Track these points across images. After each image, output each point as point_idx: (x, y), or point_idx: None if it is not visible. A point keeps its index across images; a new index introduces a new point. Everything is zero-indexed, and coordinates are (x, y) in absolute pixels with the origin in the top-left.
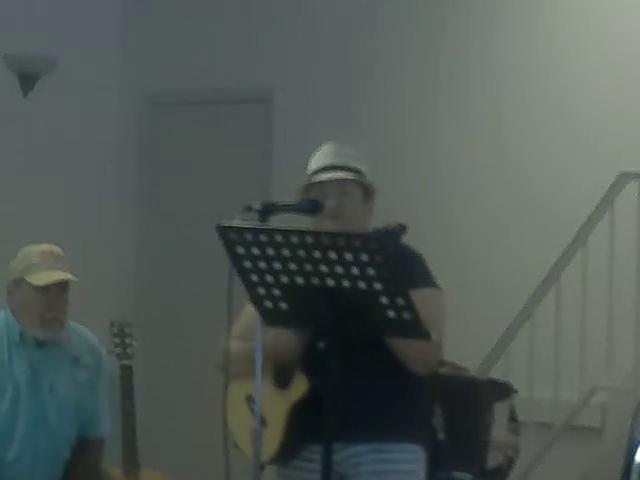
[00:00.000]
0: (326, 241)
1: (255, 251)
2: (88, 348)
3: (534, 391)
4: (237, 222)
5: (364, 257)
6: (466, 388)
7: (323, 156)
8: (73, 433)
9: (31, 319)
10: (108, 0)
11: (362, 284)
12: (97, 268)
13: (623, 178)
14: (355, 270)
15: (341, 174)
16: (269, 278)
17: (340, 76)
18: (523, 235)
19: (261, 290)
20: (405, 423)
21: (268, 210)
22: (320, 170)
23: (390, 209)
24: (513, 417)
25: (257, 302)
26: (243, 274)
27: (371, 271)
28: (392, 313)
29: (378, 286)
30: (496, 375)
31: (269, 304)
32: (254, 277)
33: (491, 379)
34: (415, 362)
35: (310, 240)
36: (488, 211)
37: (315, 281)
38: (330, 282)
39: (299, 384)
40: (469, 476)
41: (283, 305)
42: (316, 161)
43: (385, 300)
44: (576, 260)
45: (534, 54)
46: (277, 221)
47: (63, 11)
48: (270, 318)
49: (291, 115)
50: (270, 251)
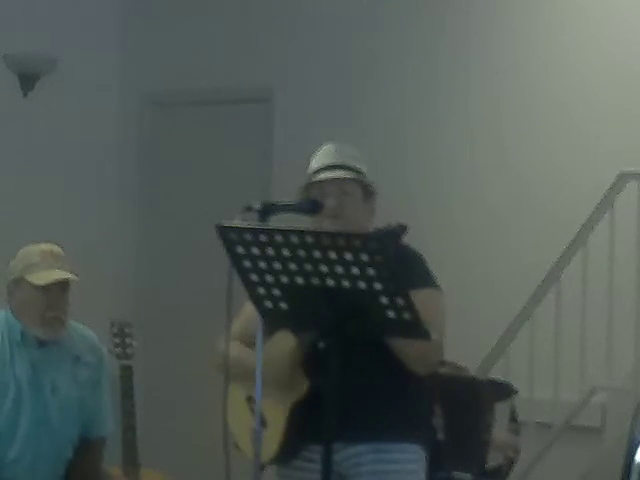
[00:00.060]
0: (326, 241)
1: (255, 251)
2: (89, 347)
3: (534, 391)
4: (237, 222)
5: (364, 257)
6: (466, 388)
7: (323, 155)
8: (75, 433)
9: (32, 318)
10: (108, 0)
11: (362, 284)
12: (97, 268)
13: (623, 178)
14: (355, 270)
15: (340, 173)
16: (269, 278)
17: (340, 76)
18: (523, 235)
19: (261, 290)
20: (405, 423)
21: (268, 210)
22: (320, 169)
23: (390, 209)
24: (514, 417)
25: (257, 302)
26: (243, 274)
27: (371, 271)
28: (392, 313)
29: (378, 286)
30: (496, 375)
31: (269, 304)
32: (254, 277)
33: (492, 379)
34: (415, 362)
35: (310, 240)
36: (488, 211)
37: (315, 281)
38: (330, 282)
39: (299, 384)
40: (469, 476)
41: (283, 305)
42: (317, 160)
43: (385, 300)
44: (576, 260)
45: (534, 54)
46: (277, 221)
47: (63, 11)
48: (270, 318)
49: (291, 115)
50: (270, 251)
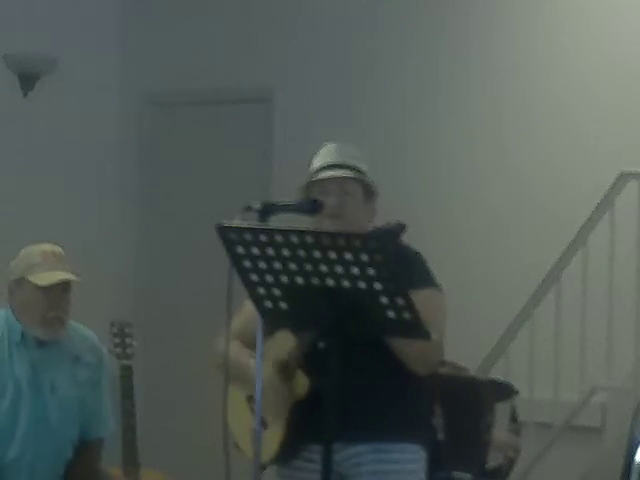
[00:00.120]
0: (326, 241)
1: (255, 251)
2: (89, 347)
3: (534, 391)
4: (237, 222)
5: (364, 257)
6: (466, 388)
7: (325, 155)
8: (75, 433)
9: (32, 318)
10: (108, 0)
11: (362, 284)
12: (97, 268)
13: (623, 178)
14: (355, 270)
15: (342, 172)
16: (269, 278)
17: (340, 76)
18: (523, 235)
19: (261, 290)
20: (405, 423)
21: (268, 210)
22: (322, 168)
23: (390, 209)
24: (514, 418)
25: (257, 302)
26: (243, 274)
27: (371, 271)
28: (392, 313)
29: (378, 286)
30: (496, 375)
31: (269, 304)
32: (254, 277)
33: (492, 379)
34: (415, 362)
35: (310, 240)
36: (488, 211)
37: (315, 281)
38: (330, 282)
39: (300, 383)
40: (469, 476)
41: (283, 305)
42: (318, 160)
43: (385, 300)
44: (576, 260)
45: (534, 54)
46: (277, 221)
47: (63, 11)
48: (270, 318)
49: (291, 115)
50: (270, 251)
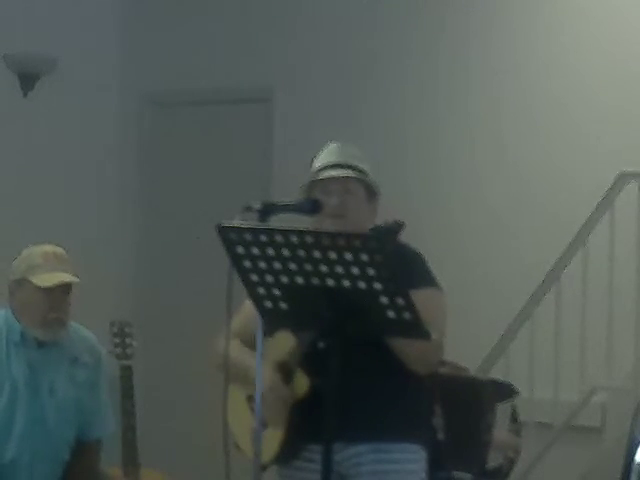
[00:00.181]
0: (326, 241)
1: (255, 251)
2: (87, 348)
3: (534, 391)
4: (237, 222)
5: (364, 257)
6: (466, 388)
7: (327, 154)
8: (72, 434)
9: (32, 319)
10: (108, 0)
11: (362, 284)
12: (97, 268)
13: (623, 178)
14: (355, 270)
15: (344, 172)
16: (269, 278)
17: (340, 76)
18: (523, 235)
19: (261, 290)
20: (405, 423)
21: (268, 210)
22: (323, 168)
23: (390, 209)
24: (514, 418)
25: (257, 302)
26: (243, 274)
27: (371, 271)
28: (392, 313)
29: (378, 286)
30: (496, 375)
31: (269, 304)
32: (254, 277)
33: (493, 379)
34: (416, 362)
35: (310, 240)
36: (488, 211)
37: (315, 281)
38: (330, 282)
39: (300, 383)
40: (469, 476)
41: (283, 305)
42: (320, 159)
43: (385, 300)
44: (576, 260)
45: (534, 54)
46: (277, 221)
47: (63, 11)
48: (270, 318)
49: (291, 115)
50: (270, 251)
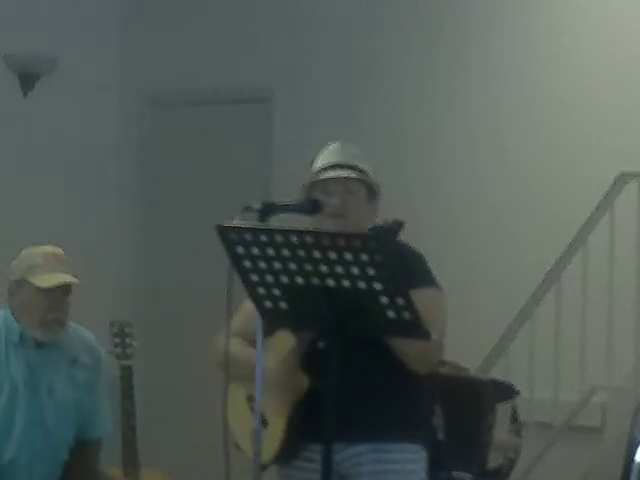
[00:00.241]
0: (326, 241)
1: (255, 251)
2: (87, 348)
3: (534, 391)
4: (237, 222)
5: (364, 257)
6: (466, 388)
7: (328, 155)
8: (71, 434)
9: (31, 320)
10: (108, 0)
11: (362, 284)
12: (97, 268)
13: (623, 178)
14: (355, 270)
15: (346, 172)
16: (269, 278)
17: (340, 76)
18: (523, 235)
19: (261, 290)
20: (405, 423)
21: (268, 210)
22: (325, 168)
23: (390, 209)
24: (515, 418)
25: (257, 302)
26: (243, 274)
27: (371, 271)
28: (392, 313)
29: (378, 286)
30: (496, 375)
31: (269, 304)
32: (254, 277)
33: (494, 380)
34: (416, 362)
35: (310, 240)
36: (488, 211)
37: (315, 281)
38: (330, 282)
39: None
40: (469, 476)
41: (283, 305)
42: (321, 159)
43: (385, 300)
44: (576, 260)
45: (534, 54)
46: (277, 221)
47: (63, 11)
48: (270, 318)
49: (291, 115)
50: (270, 251)
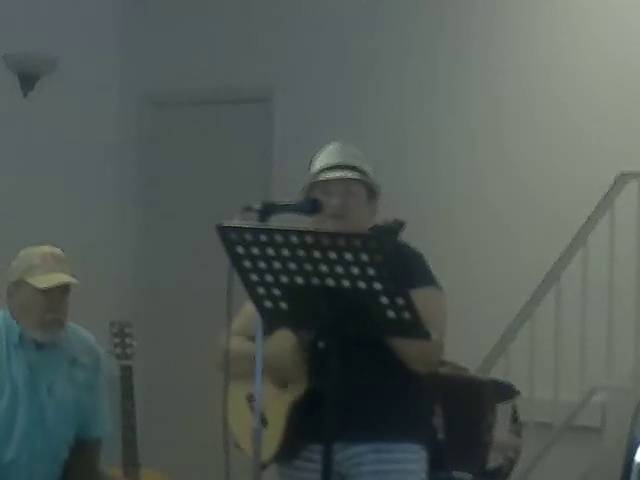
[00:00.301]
0: (326, 241)
1: (255, 251)
2: (86, 348)
3: (534, 391)
4: (237, 222)
5: (364, 257)
6: (466, 388)
7: (328, 155)
8: (71, 434)
9: (30, 320)
10: (108, 0)
11: (362, 284)
12: (97, 268)
13: (623, 178)
14: (355, 270)
15: (347, 173)
16: (269, 278)
17: (340, 76)
18: (523, 235)
19: (261, 290)
20: (406, 423)
21: (268, 210)
22: (325, 169)
23: (390, 209)
24: (515, 418)
25: (257, 302)
26: (243, 274)
27: (371, 271)
28: (392, 313)
29: (378, 286)
30: (496, 375)
31: (269, 304)
32: (254, 277)
33: (495, 380)
34: (416, 362)
35: (310, 240)
36: (488, 211)
37: (315, 281)
38: (330, 282)
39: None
40: (469, 476)
41: (283, 305)
42: (321, 160)
43: (385, 300)
44: (576, 260)
45: (534, 54)
46: (277, 221)
47: (63, 11)
48: (270, 318)
49: (291, 115)
50: (270, 251)
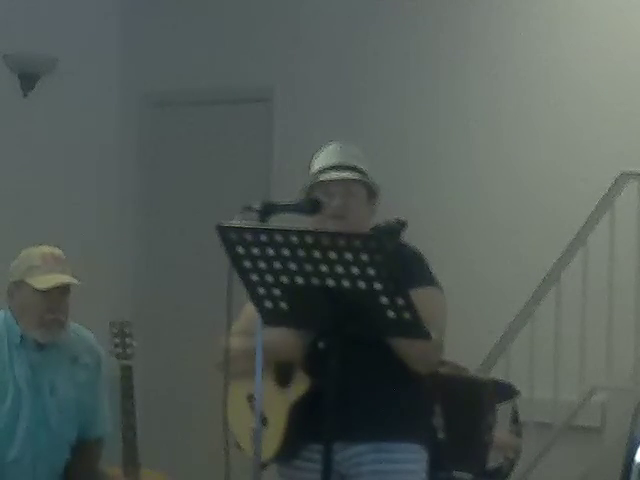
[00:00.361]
0: (326, 241)
1: (255, 251)
2: (87, 348)
3: (534, 391)
4: (237, 222)
5: (364, 257)
6: (466, 388)
7: (328, 155)
8: (73, 433)
9: (30, 321)
10: (108, 0)
11: (362, 284)
12: (97, 268)
13: (623, 178)
14: (355, 270)
15: (347, 174)
16: (269, 278)
17: (340, 76)
18: (523, 235)
19: (261, 290)
20: (406, 423)
21: (268, 210)
22: (325, 169)
23: (390, 209)
24: (515, 418)
25: (257, 302)
26: (243, 274)
27: (371, 271)
28: (392, 313)
29: (378, 286)
30: (496, 375)
31: (269, 304)
32: (254, 277)
33: (495, 380)
34: (416, 361)
35: (310, 240)
36: (488, 211)
37: (315, 281)
38: (330, 282)
39: (300, 383)
40: (469, 476)
41: (283, 305)
42: (321, 160)
43: (385, 300)
44: (576, 260)
45: (534, 54)
46: (277, 221)
47: (63, 11)
48: (270, 318)
49: (291, 115)
50: (270, 251)
